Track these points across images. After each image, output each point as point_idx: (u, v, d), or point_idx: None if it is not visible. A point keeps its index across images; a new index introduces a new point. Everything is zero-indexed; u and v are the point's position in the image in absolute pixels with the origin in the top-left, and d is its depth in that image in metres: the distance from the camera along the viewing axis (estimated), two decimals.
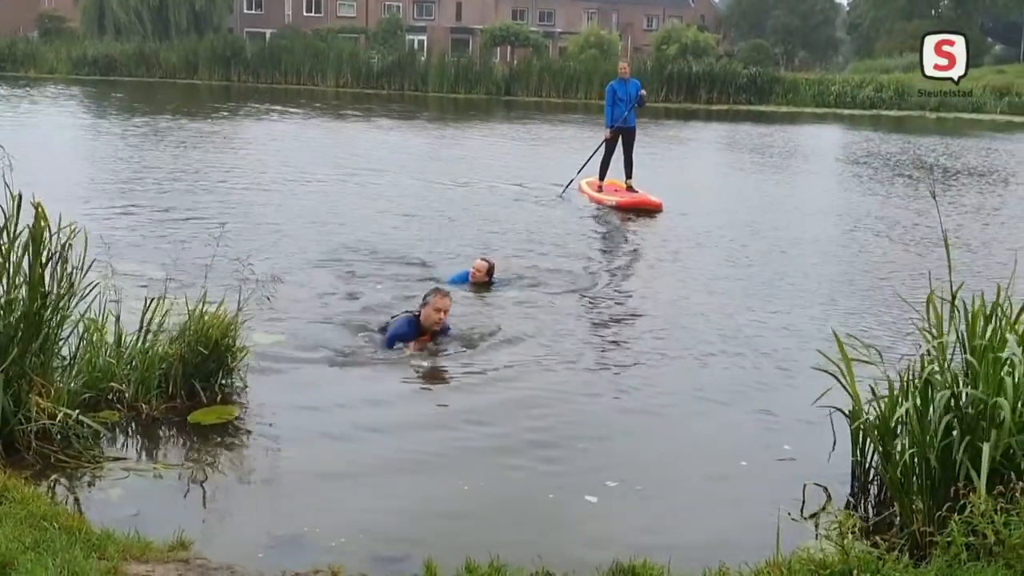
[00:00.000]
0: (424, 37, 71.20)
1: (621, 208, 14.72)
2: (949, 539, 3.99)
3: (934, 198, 5.90)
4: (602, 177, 16.00)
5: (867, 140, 30.03)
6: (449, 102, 43.53)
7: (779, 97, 46.78)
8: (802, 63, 73.11)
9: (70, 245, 5.57)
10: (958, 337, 4.83)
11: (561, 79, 47.67)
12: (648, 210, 14.61)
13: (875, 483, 5.30)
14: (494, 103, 43.55)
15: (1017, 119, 41.23)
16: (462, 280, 9.31)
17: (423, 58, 53.19)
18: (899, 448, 4.85)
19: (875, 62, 62.06)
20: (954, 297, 4.87)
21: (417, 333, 7.45)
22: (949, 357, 4.82)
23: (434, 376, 7.02)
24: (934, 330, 4.94)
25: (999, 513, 4.02)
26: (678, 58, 53.23)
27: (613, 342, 8.04)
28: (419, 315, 7.51)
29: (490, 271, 9.35)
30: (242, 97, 39.91)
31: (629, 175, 15.90)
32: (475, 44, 68.80)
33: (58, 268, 5.52)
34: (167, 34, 59.69)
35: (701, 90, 46.51)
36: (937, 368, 4.76)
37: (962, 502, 4.19)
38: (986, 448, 4.31)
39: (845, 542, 3.92)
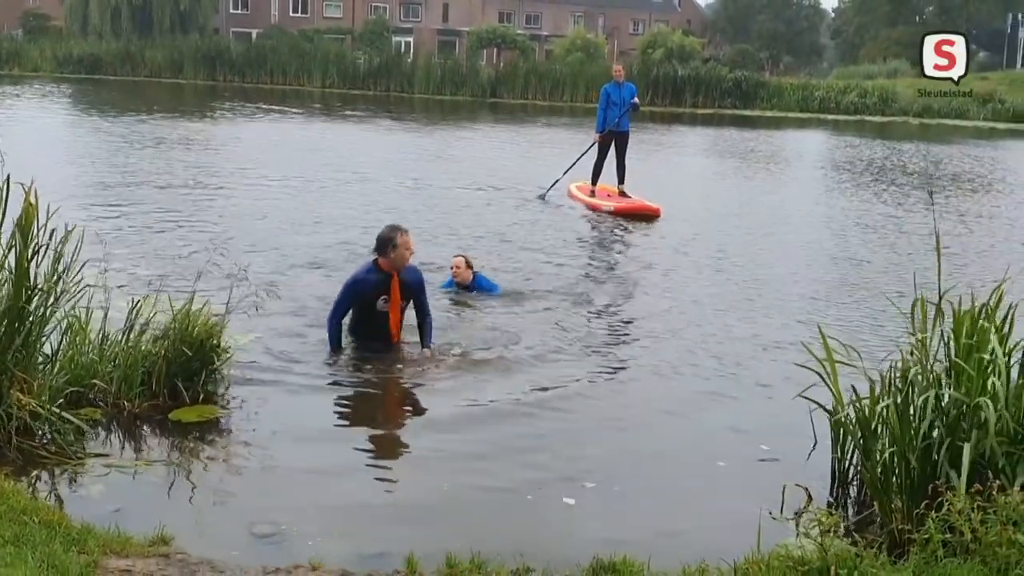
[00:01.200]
0: (411, 38, 71.16)
1: (619, 214, 14.46)
2: (927, 536, 4.02)
3: (931, 199, 5.97)
4: (594, 182, 15.74)
5: (851, 146, 30.13)
6: (435, 104, 43.51)
7: (764, 102, 46.92)
8: (787, 68, 73.33)
9: (64, 241, 5.57)
10: (942, 338, 4.86)
11: (547, 82, 47.71)
12: (646, 216, 14.38)
13: (855, 482, 5.33)
14: (480, 105, 43.53)
15: (1000, 125, 41.47)
16: (447, 284, 9.24)
17: (409, 60, 53.16)
18: (879, 447, 4.88)
19: (859, 68, 62.28)
20: (940, 300, 4.90)
21: (386, 277, 7.30)
22: (932, 358, 4.86)
23: (413, 380, 6.99)
24: (918, 331, 4.97)
25: (976, 511, 4.05)
26: (664, 62, 53.30)
27: (591, 347, 8.00)
28: (378, 262, 7.33)
29: (469, 264, 9.29)
30: (227, 97, 39.78)
31: (621, 180, 15.65)
32: (461, 46, 68.78)
33: (43, 262, 5.51)
34: (151, 33, 59.42)
35: (686, 94, 46.58)
36: (919, 368, 4.79)
37: (940, 500, 4.22)
38: (966, 449, 4.34)
39: (824, 540, 3.94)
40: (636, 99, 15.71)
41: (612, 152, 15.69)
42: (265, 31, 67.81)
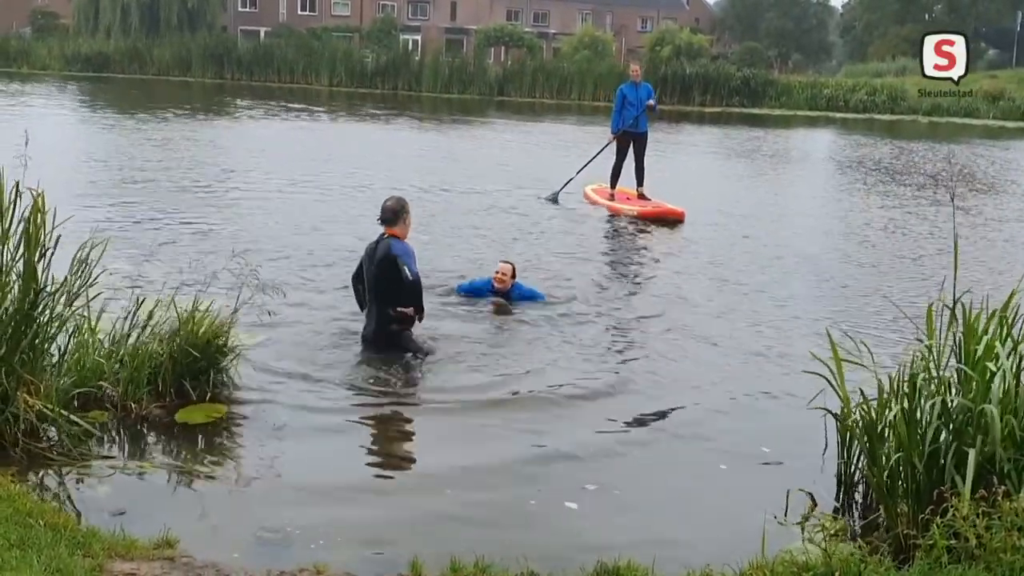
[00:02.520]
0: (418, 37, 71.10)
1: (643, 218, 14.18)
2: (931, 542, 4.01)
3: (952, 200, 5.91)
4: (613, 184, 15.39)
5: (861, 145, 30.01)
6: (443, 102, 43.45)
7: (772, 100, 46.80)
8: (795, 66, 73.16)
9: (82, 248, 5.60)
10: (955, 343, 4.84)
11: (555, 80, 47.68)
12: (670, 220, 14.09)
13: (860, 486, 5.32)
14: (488, 104, 43.48)
15: (1009, 124, 41.30)
16: (484, 287, 9.07)
17: (417, 58, 53.12)
18: (886, 451, 4.87)
19: (867, 66, 62.09)
20: (955, 305, 4.89)
21: None
22: (945, 363, 4.84)
23: (418, 384, 6.98)
24: (928, 336, 4.96)
25: (981, 517, 4.04)
26: (672, 60, 53.21)
27: (593, 350, 7.92)
28: (394, 235, 7.41)
29: (514, 273, 9.11)
30: (235, 95, 39.80)
31: (640, 183, 15.29)
32: (469, 44, 68.77)
33: (52, 264, 5.55)
34: (159, 31, 59.49)
35: (695, 92, 46.46)
36: (928, 374, 4.78)
37: (945, 505, 4.21)
38: (972, 454, 4.32)
39: (828, 544, 3.94)
40: (653, 100, 15.28)
41: (630, 154, 15.31)
42: (273, 29, 67.86)
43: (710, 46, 66.32)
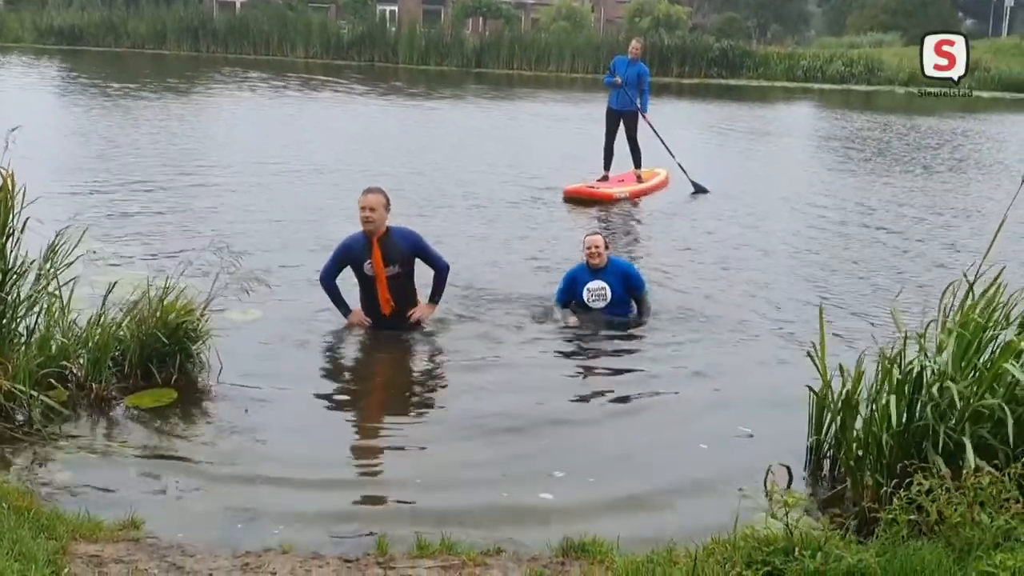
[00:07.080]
0: (395, 7, 70.47)
1: (567, 198, 13.81)
2: (892, 516, 4.03)
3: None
4: (607, 167, 14.99)
5: (840, 118, 29.93)
6: (420, 74, 43.02)
7: (750, 71, 46.72)
8: (774, 36, 72.97)
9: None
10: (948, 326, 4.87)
11: (532, 52, 47.36)
12: (597, 201, 13.76)
13: (829, 458, 5.34)
14: (465, 76, 43.14)
15: (985, 94, 41.29)
16: (580, 275, 8.25)
17: (393, 29, 52.64)
18: (858, 425, 4.91)
19: (841, 40, 61.82)
20: (972, 285, 4.93)
21: (368, 243, 7.30)
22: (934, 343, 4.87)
23: (390, 369, 6.95)
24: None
25: (944, 492, 4.06)
26: (651, 31, 52.96)
27: (571, 334, 7.84)
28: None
29: (607, 245, 8.32)
30: (211, 68, 39.34)
31: (637, 164, 15.00)
32: (446, 15, 68.23)
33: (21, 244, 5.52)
34: (136, 2, 58.65)
35: (672, 63, 46.30)
36: (922, 358, 4.80)
37: (910, 480, 4.24)
38: (968, 444, 4.34)
39: (791, 519, 3.95)
40: (642, 85, 14.88)
41: (622, 134, 14.95)
42: (250, 0, 67.08)
43: (689, 17, 66.04)
